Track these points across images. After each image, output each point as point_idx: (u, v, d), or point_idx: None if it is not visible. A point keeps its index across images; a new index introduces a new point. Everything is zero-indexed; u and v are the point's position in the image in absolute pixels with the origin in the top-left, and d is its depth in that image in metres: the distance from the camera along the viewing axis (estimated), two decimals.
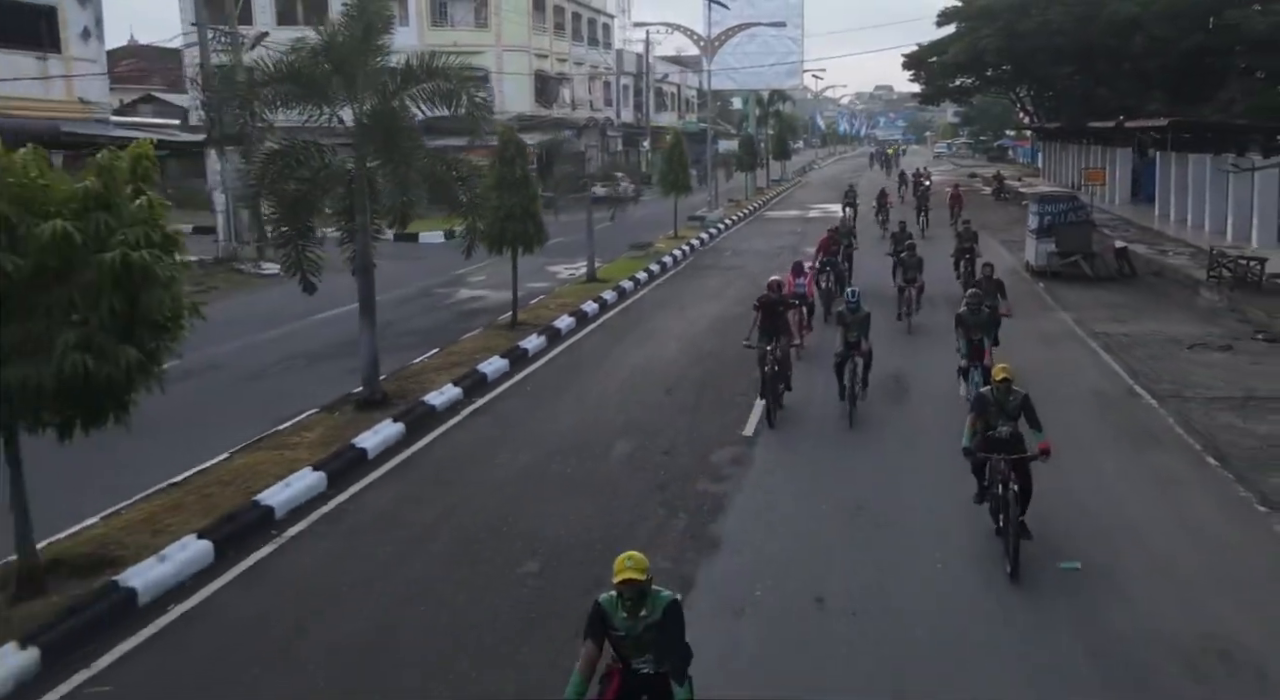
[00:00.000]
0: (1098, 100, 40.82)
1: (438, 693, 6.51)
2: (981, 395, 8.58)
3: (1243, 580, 8.07)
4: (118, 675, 6.74)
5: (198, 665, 6.90)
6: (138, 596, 7.54)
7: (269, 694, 6.55)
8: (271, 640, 7.20)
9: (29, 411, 6.84)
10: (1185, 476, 10.55)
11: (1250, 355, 15.76)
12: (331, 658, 6.95)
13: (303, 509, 9.53)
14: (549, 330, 17.16)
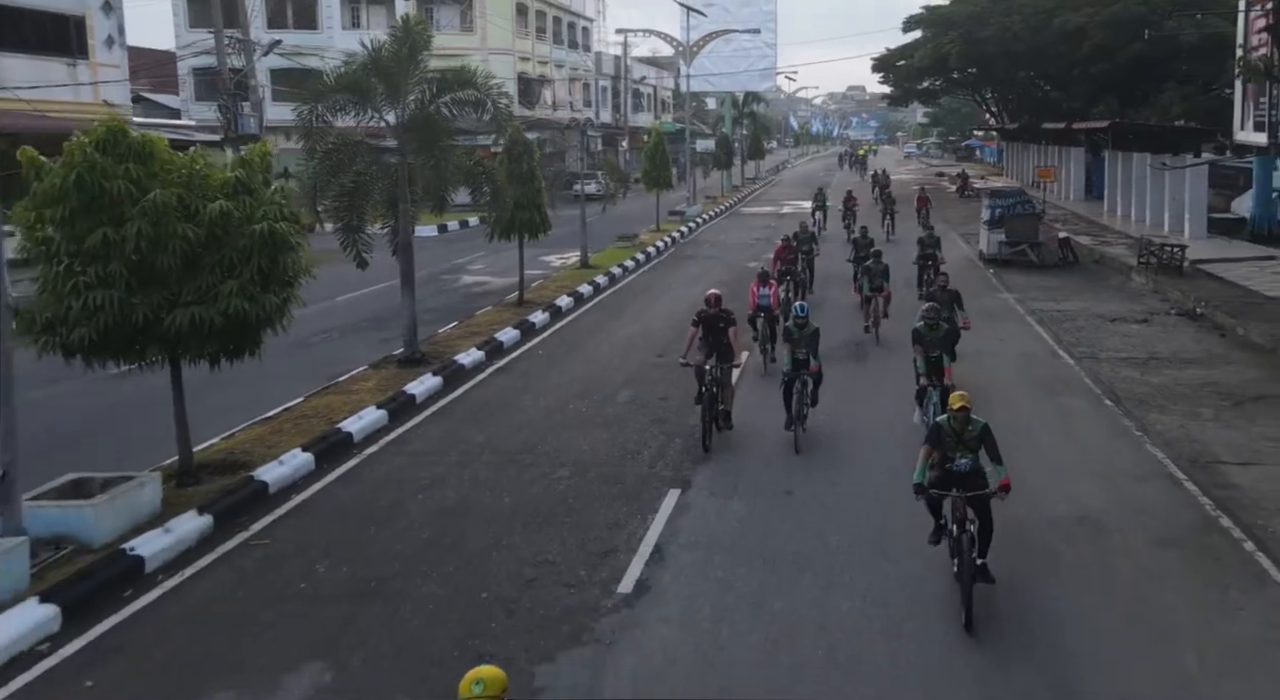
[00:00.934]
0: (1053, 103, 44.04)
1: (500, 548, 9.02)
2: (937, 425, 7.79)
3: (1108, 476, 10.74)
4: (269, 534, 9.26)
5: (323, 528, 9.44)
6: (268, 487, 10.05)
7: (384, 543, 9.07)
8: (376, 514, 9.74)
9: (195, 345, 9.30)
10: (1084, 411, 13.28)
11: (1162, 327, 18.59)
12: (423, 524, 9.49)
13: (373, 437, 12.08)
14: (552, 307, 19.75)
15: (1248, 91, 27.73)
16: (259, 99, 29.95)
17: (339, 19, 52.48)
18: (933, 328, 11.66)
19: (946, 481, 7.67)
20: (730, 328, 11.89)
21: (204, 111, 39.93)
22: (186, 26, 48.53)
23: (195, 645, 7.33)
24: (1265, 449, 11.44)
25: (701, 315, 11.93)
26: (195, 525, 8.97)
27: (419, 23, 14.72)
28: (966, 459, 7.69)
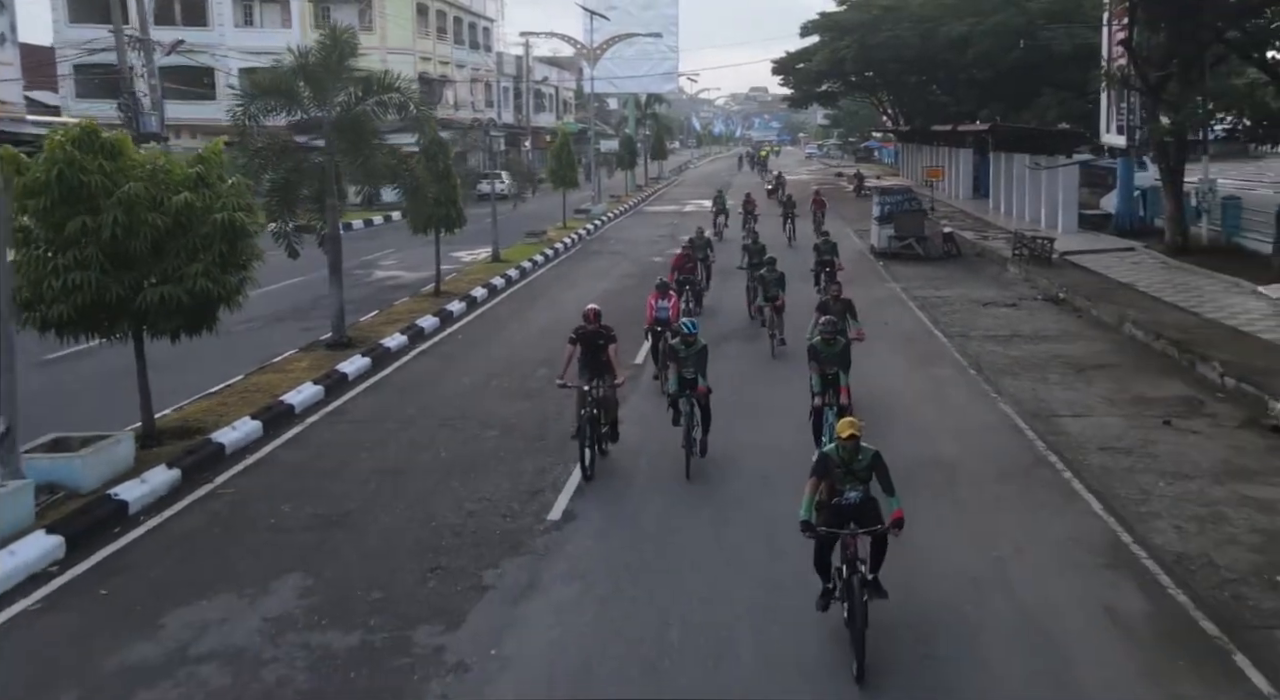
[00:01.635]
0: (942, 106, 47.44)
1: (442, 491, 10.66)
2: (825, 456, 7.40)
3: (964, 430, 12.91)
4: (233, 485, 10.72)
5: (281, 480, 10.95)
6: (225, 448, 11.48)
7: (338, 490, 10.62)
8: (327, 469, 11.28)
9: (162, 321, 10.68)
10: (950, 379, 15.56)
11: (1028, 310, 21.19)
12: (371, 475, 11.07)
13: (313, 408, 13.58)
14: (468, 298, 21.35)
15: (1111, 98, 30.98)
16: (159, 98, 30.60)
17: (230, 17, 52.74)
18: (830, 343, 11.17)
19: (837, 517, 7.27)
20: (610, 345, 11.17)
21: (86, 108, 39.99)
22: (67, 22, 48.20)
23: (187, 564, 8.81)
24: (1096, 405, 13.83)
25: (579, 332, 11.21)
26: (166, 477, 10.38)
27: (346, 31, 16.22)
28: (857, 491, 7.33)
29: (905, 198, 30.49)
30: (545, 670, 7.13)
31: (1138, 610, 7.99)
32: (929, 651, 7.23)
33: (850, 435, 7.20)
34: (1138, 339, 17.70)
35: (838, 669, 7.02)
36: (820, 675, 7.06)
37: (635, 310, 17.49)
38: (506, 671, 7.10)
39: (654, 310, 14.74)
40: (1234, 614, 7.84)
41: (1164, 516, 9.81)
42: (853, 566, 7.11)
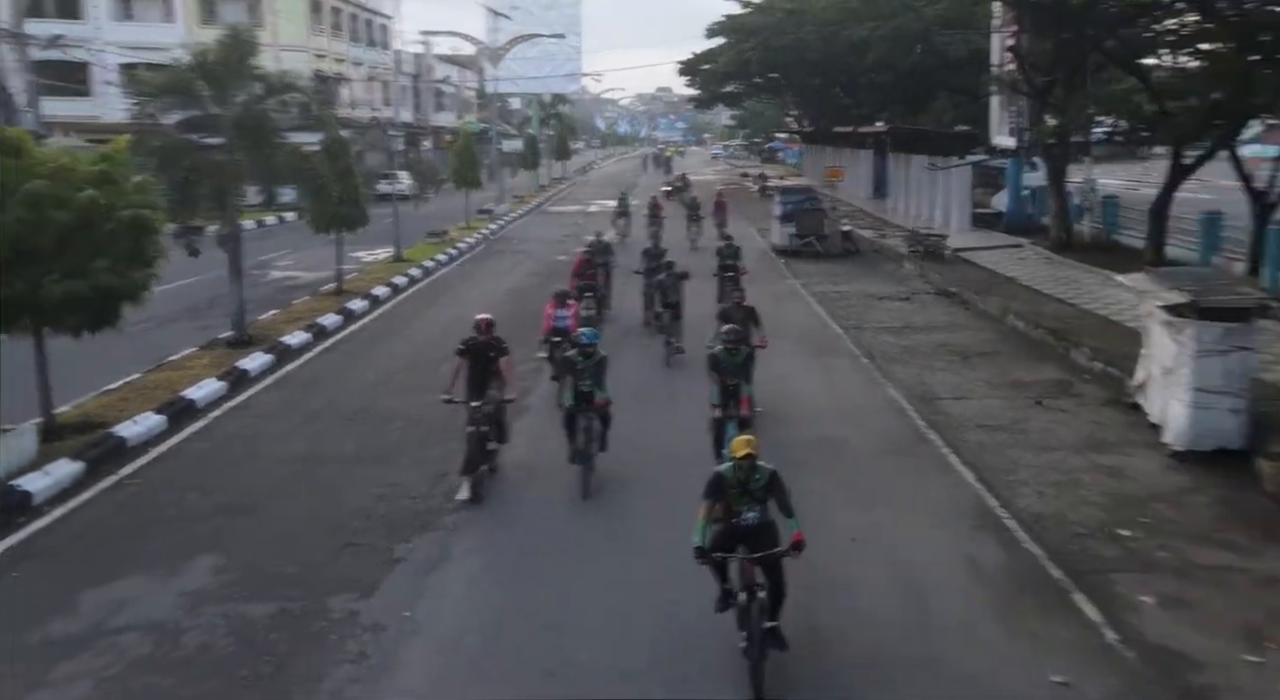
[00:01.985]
0: (845, 108, 49.30)
1: (352, 478, 11.23)
2: (719, 476, 7.16)
3: (854, 412, 13.99)
4: (138, 476, 11.10)
5: (187, 472, 11.37)
6: (127, 442, 11.82)
7: (246, 479, 11.09)
8: (233, 460, 11.74)
9: (64, 315, 11.00)
10: (843, 367, 16.69)
11: (920, 304, 22.58)
12: (279, 465, 11.57)
13: (215, 404, 13.95)
14: (370, 297, 21.77)
15: (1001, 102, 32.92)
16: (36, 95, 30.06)
17: (105, 10, 51.63)
18: (733, 353, 11.04)
19: (732, 539, 7.12)
20: (502, 358, 10.87)
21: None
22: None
23: (98, 549, 9.23)
24: (976, 388, 15.09)
25: (469, 344, 10.88)
26: (70, 470, 10.73)
27: (247, 30, 16.57)
28: (754, 512, 7.16)
29: (806, 197, 31.89)
30: (456, 630, 7.82)
31: (995, 561, 9.08)
32: (809, 602, 8.14)
33: (746, 454, 7.03)
34: (1019, 329, 19.15)
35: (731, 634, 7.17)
36: (710, 636, 7.41)
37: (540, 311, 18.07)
38: (420, 632, 7.77)
39: (551, 319, 14.43)
40: (1078, 562, 8.97)
41: (1028, 484, 10.98)
42: (751, 593, 6.95)
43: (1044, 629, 7.84)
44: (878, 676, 7.20)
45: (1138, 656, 7.41)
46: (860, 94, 47.36)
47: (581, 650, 7.54)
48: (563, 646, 7.58)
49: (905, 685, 7.10)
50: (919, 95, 43.63)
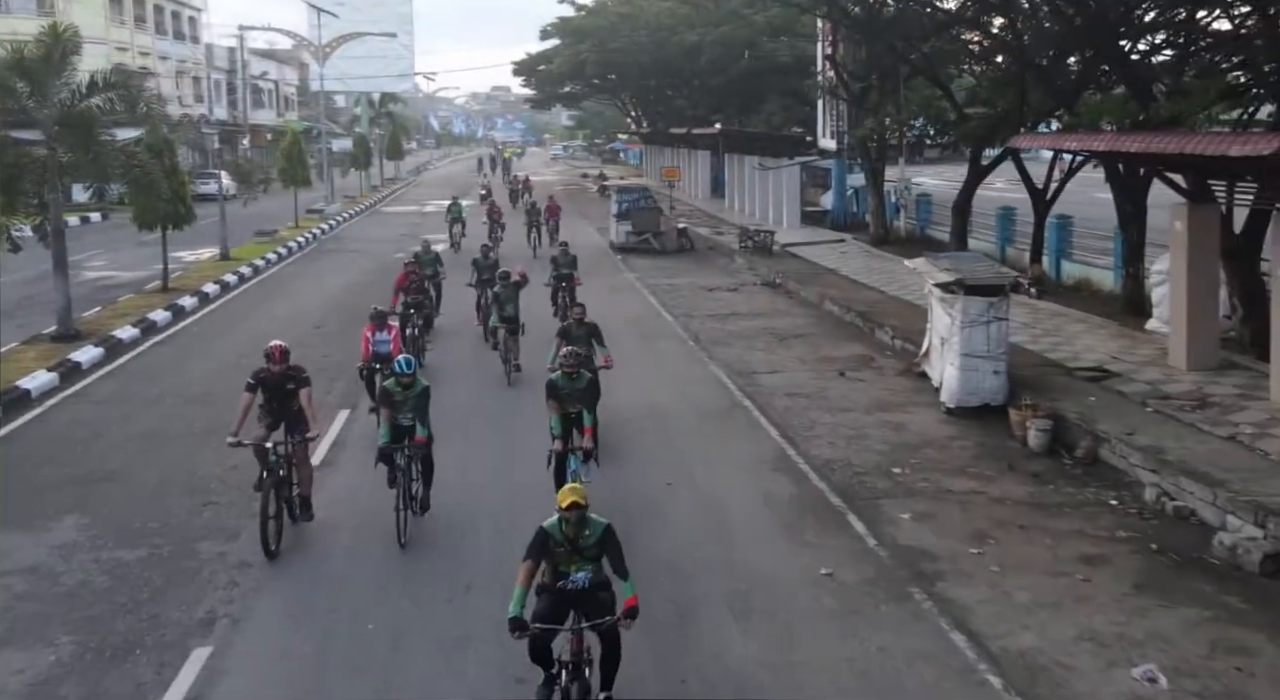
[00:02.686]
0: (681, 110, 52.01)
1: (202, 453, 12.42)
2: (543, 532, 6.51)
3: (679, 385, 16.00)
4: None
5: (33, 451, 12.33)
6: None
7: (97, 454, 12.15)
8: (80, 439, 12.76)
9: None
10: (672, 349, 18.71)
11: (748, 294, 24.97)
12: (128, 442, 12.67)
13: (50, 393, 14.81)
14: (199, 294, 22.59)
15: (825, 105, 36.04)
16: None
17: None
18: (573, 377, 10.26)
19: (560, 606, 6.53)
20: (302, 389, 9.93)
21: None
22: None
23: None
24: (789, 364, 17.36)
25: (261, 376, 9.87)
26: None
27: (68, 29, 17.35)
28: (584, 572, 6.54)
29: (641, 196, 34.12)
30: (316, 563, 9.29)
31: (788, 494, 11.17)
32: (629, 528, 9.95)
33: (572, 504, 6.35)
34: (833, 313, 21.70)
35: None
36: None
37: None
38: (280, 563, 9.21)
39: (370, 343, 13.39)
40: (854, 493, 11.15)
41: (822, 437, 13.18)
42: (577, 669, 6.40)
43: (820, 539, 9.93)
44: (683, 573, 9.10)
45: (889, 554, 9.57)
46: (695, 96, 50.17)
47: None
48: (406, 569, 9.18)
49: (705, 577, 9.03)
50: (751, 98, 46.71)
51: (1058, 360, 15.85)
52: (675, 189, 47.34)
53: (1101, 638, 7.93)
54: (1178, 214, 15.06)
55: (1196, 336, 14.85)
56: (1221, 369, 14.67)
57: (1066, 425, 12.77)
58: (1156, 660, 7.54)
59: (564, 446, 10.12)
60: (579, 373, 10.43)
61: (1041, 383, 14.39)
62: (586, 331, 13.04)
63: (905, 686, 7.40)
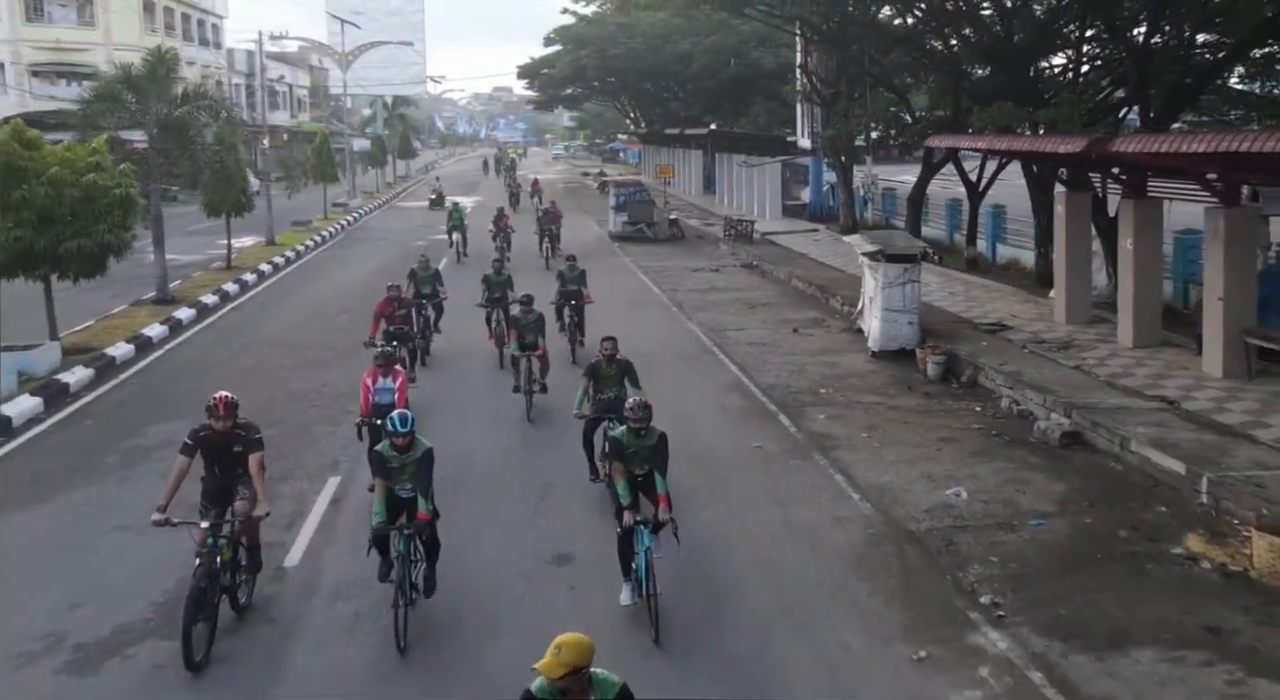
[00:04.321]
0: (674, 111, 55.97)
1: (294, 379, 16.32)
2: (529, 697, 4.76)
3: (663, 340, 19.86)
4: (134, 380, 15.98)
5: (167, 380, 16.25)
6: (116, 360, 16.59)
7: (215, 378, 15.95)
8: (198, 371, 16.69)
9: (73, 266, 15.73)
10: (659, 316, 22.63)
11: (727, 274, 28.88)
12: (237, 373, 16.56)
13: (165, 340, 18.76)
14: (257, 271, 26.58)
15: (803, 109, 39.97)
16: None
17: None
18: (640, 434, 8.74)
19: None
20: (252, 454, 8.19)
21: None
22: None
23: (135, 409, 14.20)
24: (754, 325, 21.24)
25: (200, 436, 8.17)
26: (86, 373, 15.63)
27: (170, 51, 21.34)
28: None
29: (636, 190, 38.12)
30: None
31: (739, 405, 15.08)
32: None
33: (564, 673, 4.58)
34: (798, 287, 25.63)
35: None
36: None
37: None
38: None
39: (370, 392, 11.10)
40: (788, 404, 15.03)
41: (771, 371, 17.07)
42: None
43: (757, 430, 13.83)
44: None
45: (803, 436, 13.47)
46: (688, 99, 54.13)
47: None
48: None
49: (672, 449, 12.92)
50: (738, 101, 50.67)
51: (969, 318, 19.79)
52: (670, 185, 51.29)
53: (934, 478, 11.82)
54: (1058, 199, 19.01)
55: (1072, 297, 18.79)
56: (1091, 322, 18.59)
57: (958, 360, 16.69)
58: (965, 486, 11.45)
59: (632, 518, 8.28)
60: (648, 428, 8.72)
61: (950, 333, 18.32)
62: (619, 370, 11.42)
63: (800, 500, 11.28)
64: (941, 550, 9.86)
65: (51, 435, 13.45)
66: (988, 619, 8.46)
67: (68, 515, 10.83)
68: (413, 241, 34.83)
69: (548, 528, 10.49)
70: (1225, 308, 14.55)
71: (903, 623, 8.45)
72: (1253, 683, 7.45)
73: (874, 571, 9.45)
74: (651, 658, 7.86)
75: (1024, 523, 10.48)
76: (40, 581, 9.23)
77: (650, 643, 8.01)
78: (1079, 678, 7.55)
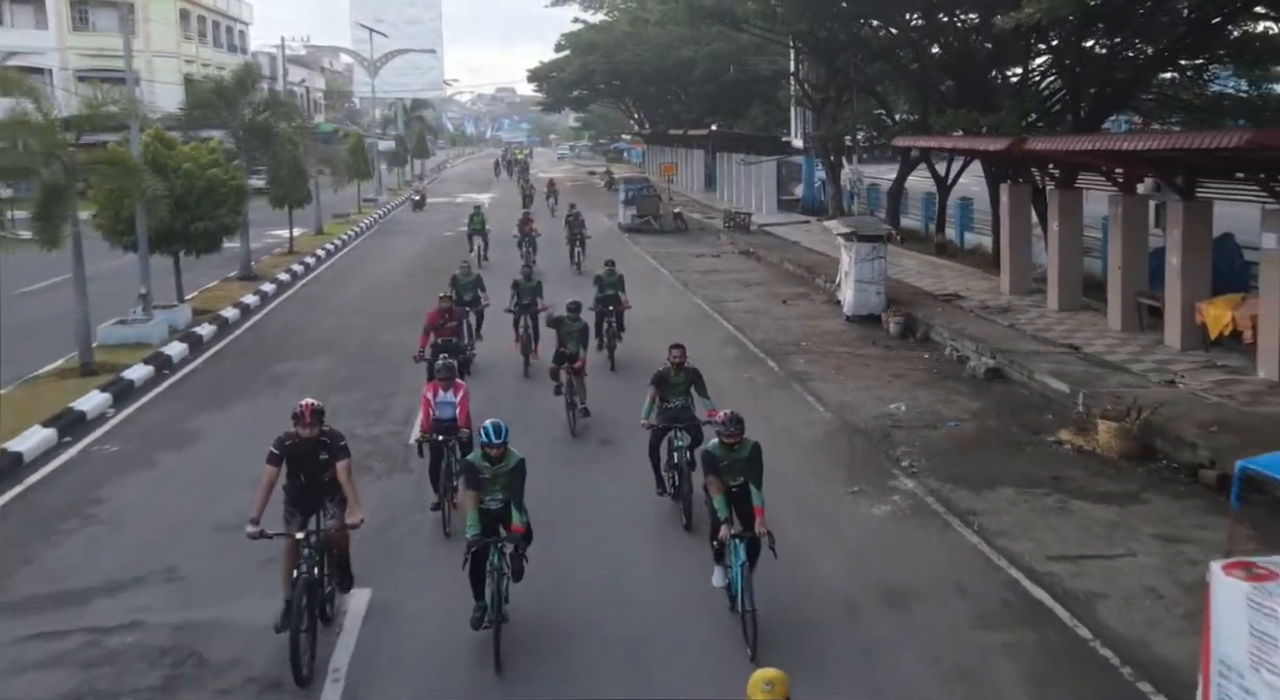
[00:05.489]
0: (677, 113, 59.81)
1: (379, 334, 20.08)
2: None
3: (671, 308, 23.66)
4: (247, 334, 19.87)
5: (274, 331, 20.10)
6: (229, 320, 20.43)
7: (312, 334, 19.86)
8: (298, 328, 20.51)
9: (199, 242, 19.56)
10: (668, 292, 26.41)
11: (727, 259, 32.69)
12: (325, 330, 20.40)
13: (258, 308, 22.63)
14: (315, 255, 30.47)
15: (796, 112, 43.83)
16: None
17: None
18: (733, 448, 8.65)
19: None
20: (339, 461, 8.13)
21: None
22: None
23: (257, 355, 18.03)
24: (749, 298, 25.03)
25: (285, 445, 8.09)
26: (211, 329, 19.37)
27: (256, 67, 25.15)
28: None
29: (644, 185, 42.01)
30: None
31: (735, 353, 18.89)
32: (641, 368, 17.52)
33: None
34: (788, 269, 29.44)
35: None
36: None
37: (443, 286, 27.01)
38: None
39: (432, 406, 10.68)
40: (775, 353, 18.79)
41: (761, 330, 20.86)
42: None
43: (749, 369, 17.62)
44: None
45: (785, 373, 17.24)
46: (690, 102, 57.97)
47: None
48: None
49: None
50: (737, 104, 54.52)
51: (930, 291, 23.58)
52: (673, 183, 55.10)
53: (883, 398, 15.57)
54: (1002, 191, 22.82)
55: (1015, 272, 22.59)
56: (1030, 293, 22.39)
57: (915, 320, 20.47)
58: (905, 403, 15.24)
59: (729, 530, 8.33)
60: (742, 441, 8.66)
61: (912, 301, 22.10)
62: (686, 378, 11.41)
63: (781, 412, 14.98)
64: (880, 439, 13.66)
65: (203, 371, 17.37)
66: (904, 473, 12.26)
67: (246, 415, 14.79)
68: (441, 232, 38.71)
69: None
70: (1122, 275, 18.39)
71: (846, 477, 12.23)
72: (1073, 504, 11.23)
73: (830, 451, 13.27)
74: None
75: (944, 424, 14.28)
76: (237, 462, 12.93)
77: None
78: (958, 501, 11.33)
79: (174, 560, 9.63)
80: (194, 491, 11.71)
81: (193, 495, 11.58)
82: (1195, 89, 26.27)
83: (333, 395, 14.91)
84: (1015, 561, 9.67)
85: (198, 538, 10.22)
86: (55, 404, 14.31)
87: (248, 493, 8.98)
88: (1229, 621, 6.52)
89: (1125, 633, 8.26)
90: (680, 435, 10.80)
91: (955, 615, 8.66)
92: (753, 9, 31.76)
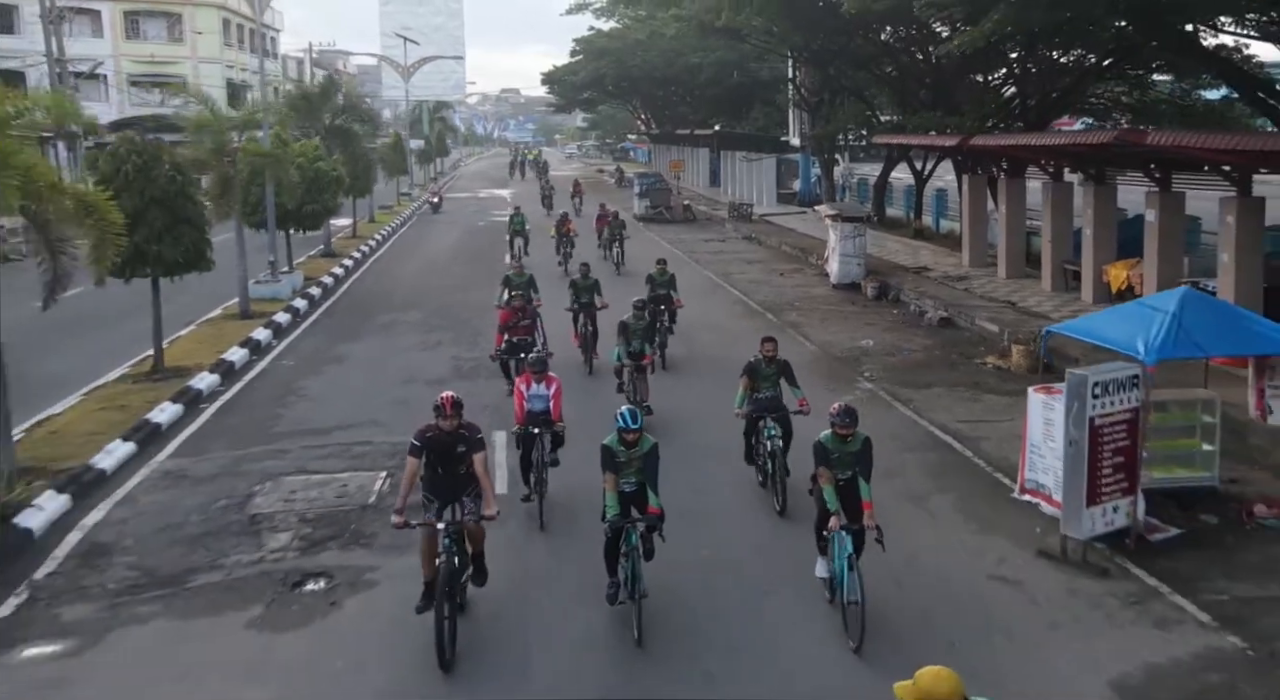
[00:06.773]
0: (683, 114, 64.52)
1: (450, 297, 24.69)
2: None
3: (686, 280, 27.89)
4: (338, 303, 24.54)
5: (355, 303, 24.79)
6: (328, 286, 25.10)
7: (395, 302, 24.49)
8: (380, 295, 25.17)
9: (308, 223, 24.21)
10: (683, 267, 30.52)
11: (732, 243, 37.29)
12: (406, 295, 25.04)
13: (343, 280, 27.27)
14: (375, 239, 35.10)
15: (794, 114, 48.53)
16: None
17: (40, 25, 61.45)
18: (845, 440, 8.63)
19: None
20: (476, 454, 8.24)
21: None
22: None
23: (352, 315, 22.67)
24: (752, 272, 29.62)
25: (426, 437, 8.21)
26: (317, 291, 23.96)
27: (329, 78, 29.76)
28: None
29: (656, 179, 46.78)
30: None
31: (740, 309, 23.52)
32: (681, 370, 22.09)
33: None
34: (785, 251, 34.08)
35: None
36: None
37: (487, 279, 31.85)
38: None
39: (524, 398, 10.89)
40: (773, 309, 23.38)
41: (762, 294, 25.45)
42: None
43: (749, 320, 22.21)
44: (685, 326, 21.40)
45: (781, 322, 21.82)
46: (696, 103, 62.66)
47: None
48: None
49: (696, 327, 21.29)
50: (740, 106, 59.23)
51: (903, 265, 28.22)
52: (680, 179, 59.73)
53: (855, 336, 20.18)
54: (964, 181, 27.46)
55: (973, 248, 27.20)
56: (986, 266, 26.99)
57: (888, 286, 25.08)
58: (873, 340, 19.86)
59: (838, 521, 8.44)
60: (854, 433, 8.69)
61: (888, 272, 26.72)
62: (776, 370, 11.65)
63: None
64: (851, 362, 18.29)
65: (324, 321, 22.08)
66: (867, 381, 16.89)
67: (373, 345, 19.62)
68: (474, 222, 43.43)
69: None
70: (1052, 247, 23.04)
71: (825, 384, 16.75)
72: (984, 397, 15.84)
73: (814, 368, 17.86)
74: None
75: (900, 353, 18.91)
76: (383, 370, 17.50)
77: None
78: (902, 394, 15.94)
79: (373, 415, 14.49)
80: (361, 384, 16.77)
81: (362, 385, 16.62)
82: (1136, 94, 31.00)
83: (433, 334, 19.78)
84: (933, 422, 14.34)
85: (381, 405, 15.12)
86: (237, 336, 19.18)
87: (398, 387, 14.65)
88: (1034, 418, 11.20)
89: (993, 452, 12.93)
90: (771, 425, 11.22)
91: (889, 445, 13.27)
92: (755, 26, 36.31)
